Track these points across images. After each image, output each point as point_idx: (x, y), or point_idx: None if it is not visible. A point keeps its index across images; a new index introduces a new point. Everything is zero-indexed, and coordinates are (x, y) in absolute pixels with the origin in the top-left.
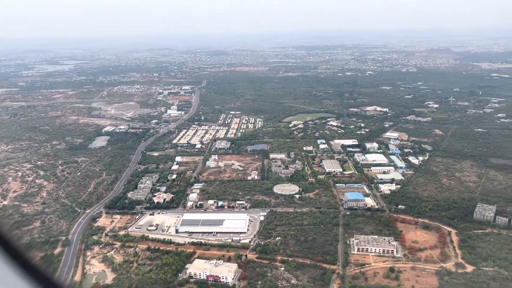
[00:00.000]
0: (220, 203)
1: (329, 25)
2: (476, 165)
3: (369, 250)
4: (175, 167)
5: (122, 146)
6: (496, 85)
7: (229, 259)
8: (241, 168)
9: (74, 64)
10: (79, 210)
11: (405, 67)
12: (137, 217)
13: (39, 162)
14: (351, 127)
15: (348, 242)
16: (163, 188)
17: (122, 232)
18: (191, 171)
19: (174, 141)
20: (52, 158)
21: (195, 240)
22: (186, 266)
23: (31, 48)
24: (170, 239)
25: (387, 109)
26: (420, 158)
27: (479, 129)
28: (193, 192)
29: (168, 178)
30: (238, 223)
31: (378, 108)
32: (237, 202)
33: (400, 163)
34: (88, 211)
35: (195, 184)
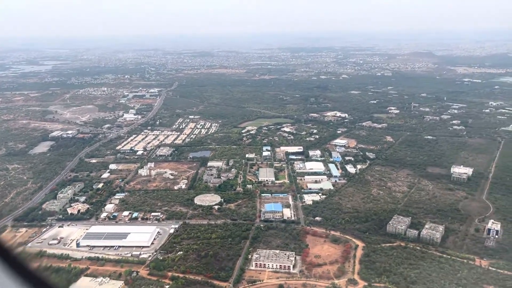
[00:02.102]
0: (135, 214)
1: (324, 27)
2: (412, 174)
3: (267, 266)
4: (105, 175)
5: (63, 152)
6: (464, 91)
7: (119, 276)
8: (172, 177)
9: (53, 65)
10: None
11: (382, 70)
12: (44, 230)
13: None
14: (303, 133)
15: (249, 257)
16: (83, 198)
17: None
18: (120, 180)
19: (118, 147)
20: None
21: (93, 255)
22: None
23: (17, 47)
24: (68, 254)
25: (347, 115)
26: (359, 166)
27: (429, 137)
28: (111, 203)
29: (93, 187)
30: (143, 237)
31: (338, 114)
32: (152, 213)
33: (336, 172)
34: None
35: (117, 194)
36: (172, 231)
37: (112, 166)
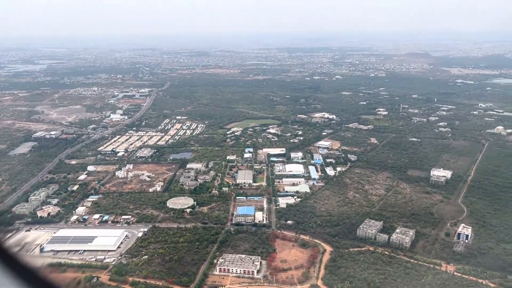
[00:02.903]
0: (105, 217)
1: (325, 28)
2: (392, 177)
3: (231, 271)
4: (82, 177)
5: (43, 153)
6: (455, 92)
7: (79, 282)
8: (148, 179)
9: (48, 64)
10: None
11: (376, 71)
12: (10, 234)
13: None
14: (288, 135)
15: (215, 262)
16: (55, 201)
17: None
18: (96, 182)
19: (100, 148)
20: None
21: (55, 261)
22: None
23: (15, 46)
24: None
25: (334, 116)
26: (339, 169)
27: (413, 139)
28: (83, 206)
29: (68, 189)
30: (109, 240)
31: (326, 115)
32: (123, 216)
33: (315, 175)
34: None
35: (90, 197)
36: (140, 234)
37: (90, 168)
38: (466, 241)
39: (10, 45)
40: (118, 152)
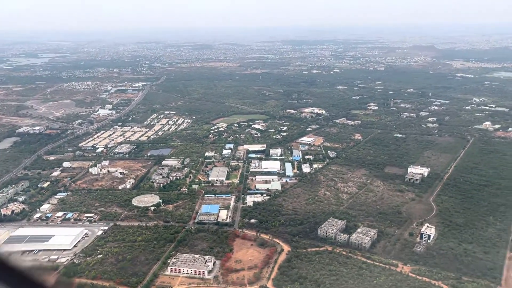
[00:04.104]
0: (69, 215)
1: (333, 20)
2: (367, 174)
3: (182, 271)
4: (56, 173)
5: (23, 149)
6: (452, 86)
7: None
8: (120, 176)
9: (50, 58)
10: None
11: (376, 64)
12: None
13: None
14: (272, 130)
15: (168, 262)
16: (22, 198)
17: None
18: (69, 179)
19: (81, 144)
20: None
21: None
22: None
23: (21, 40)
24: None
25: (324, 111)
26: (315, 165)
27: (398, 135)
28: (49, 203)
29: (38, 186)
30: (65, 239)
31: (316, 110)
32: (86, 214)
33: (290, 172)
34: None
35: (58, 194)
36: (100, 233)
37: (66, 164)
38: (428, 241)
39: (16, 39)
40: (98, 148)
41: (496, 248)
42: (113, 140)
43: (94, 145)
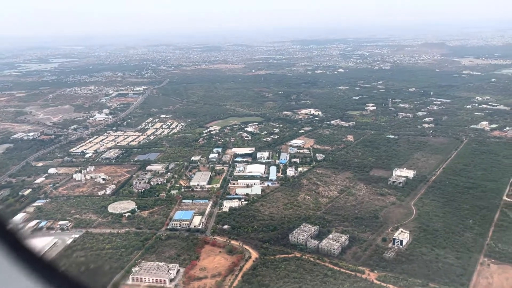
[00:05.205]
0: (43, 223)
1: (347, 18)
2: (352, 177)
3: (143, 280)
4: (39, 180)
5: (14, 156)
6: (456, 84)
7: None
8: (103, 182)
9: (60, 63)
10: None
11: (383, 63)
12: None
13: None
14: (263, 133)
15: (133, 270)
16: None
17: None
18: (51, 185)
19: (72, 150)
20: None
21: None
22: None
23: (36, 45)
24: None
25: (320, 112)
26: (301, 169)
27: (391, 136)
28: (25, 211)
29: (19, 193)
30: None
31: (312, 111)
32: (59, 222)
33: (274, 176)
34: None
35: (37, 201)
36: (70, 241)
37: (51, 170)
38: (400, 246)
39: (31, 44)
40: (87, 153)
41: (469, 253)
42: (103, 145)
43: (84, 151)
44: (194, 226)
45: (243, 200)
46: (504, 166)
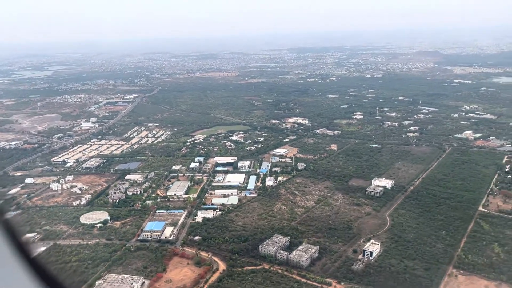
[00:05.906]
0: None
1: (345, 26)
2: (330, 187)
3: None
4: (15, 190)
5: None
6: (445, 93)
7: None
8: (79, 192)
9: (55, 70)
10: None
11: (375, 71)
12: None
13: None
14: (247, 142)
15: (96, 283)
16: None
17: None
18: (26, 196)
19: (54, 159)
20: None
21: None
22: None
23: (31, 53)
24: None
25: (307, 121)
26: (280, 178)
27: (374, 145)
28: None
29: None
30: None
31: (300, 120)
32: (27, 235)
33: (252, 185)
34: None
35: (8, 213)
36: (34, 255)
37: (28, 180)
38: (370, 258)
39: (27, 51)
40: (68, 162)
41: (438, 265)
42: (85, 154)
43: (66, 160)
44: (165, 237)
45: (217, 210)
46: (483, 176)
